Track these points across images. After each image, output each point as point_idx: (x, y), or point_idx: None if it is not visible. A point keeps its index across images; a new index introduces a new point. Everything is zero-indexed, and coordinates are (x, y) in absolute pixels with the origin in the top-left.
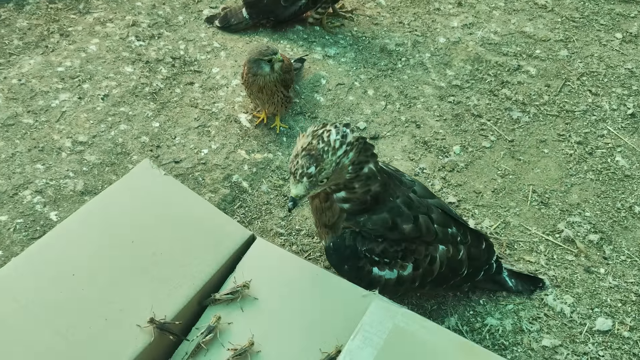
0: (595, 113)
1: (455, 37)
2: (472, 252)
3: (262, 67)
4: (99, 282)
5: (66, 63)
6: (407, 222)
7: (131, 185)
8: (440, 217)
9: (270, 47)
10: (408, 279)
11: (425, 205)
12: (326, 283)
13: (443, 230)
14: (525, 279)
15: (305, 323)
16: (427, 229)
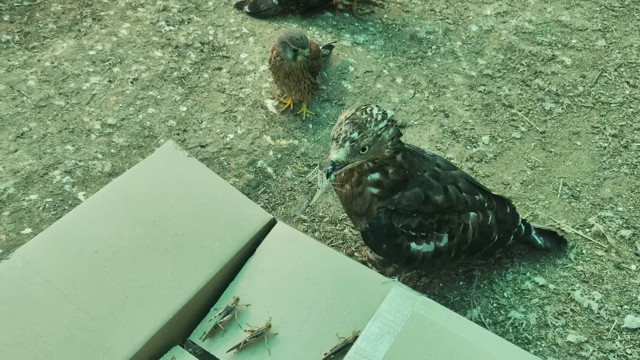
0: (633, 105)
1: (488, 26)
2: (499, 216)
3: (286, 52)
4: (120, 259)
5: (97, 47)
6: (438, 194)
7: (154, 165)
8: (467, 186)
9: (302, 39)
10: (444, 250)
11: (451, 176)
12: (345, 269)
13: (471, 197)
14: (551, 236)
15: (323, 308)
16: (457, 198)
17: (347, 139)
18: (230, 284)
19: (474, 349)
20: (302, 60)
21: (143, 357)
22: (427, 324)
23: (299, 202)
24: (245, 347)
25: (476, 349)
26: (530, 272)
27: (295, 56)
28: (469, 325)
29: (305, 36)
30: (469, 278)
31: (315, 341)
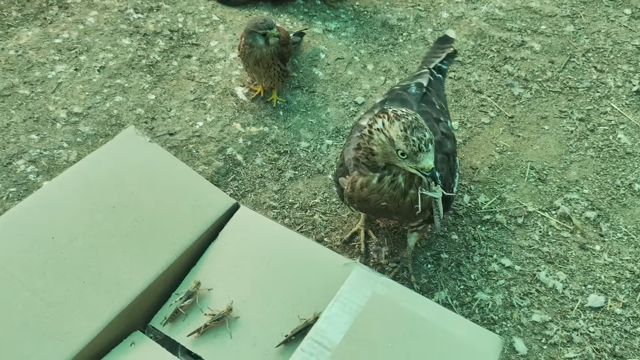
0: (600, 90)
1: (458, 12)
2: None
3: (256, 40)
4: (78, 246)
5: (64, 35)
6: (446, 144)
7: (115, 151)
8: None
9: (266, 21)
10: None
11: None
12: (308, 252)
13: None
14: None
15: (285, 290)
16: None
17: (429, 141)
18: (192, 268)
19: (433, 327)
20: (274, 42)
21: (101, 342)
22: (387, 304)
23: (268, 189)
24: (206, 330)
25: (435, 327)
26: (497, 254)
27: (266, 40)
28: (429, 304)
29: (269, 17)
30: (437, 261)
31: (277, 323)
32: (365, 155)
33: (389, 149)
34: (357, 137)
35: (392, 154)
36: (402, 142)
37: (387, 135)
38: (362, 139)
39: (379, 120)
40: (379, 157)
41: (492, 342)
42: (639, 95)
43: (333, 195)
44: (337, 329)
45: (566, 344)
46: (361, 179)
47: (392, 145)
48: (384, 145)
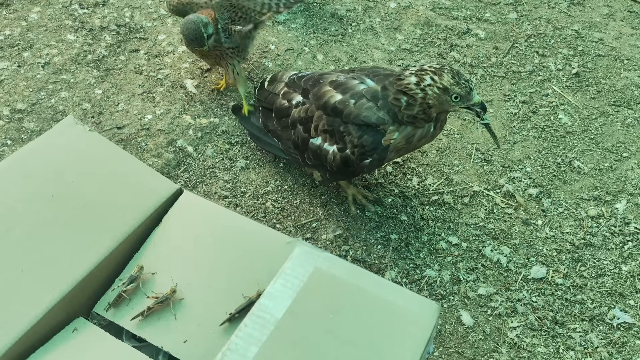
0: (541, 73)
1: (406, 2)
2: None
3: (189, 45)
4: (15, 235)
5: (5, 32)
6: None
7: (53, 141)
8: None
9: (197, 40)
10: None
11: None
12: (252, 232)
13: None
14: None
15: (230, 271)
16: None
17: (471, 81)
18: (136, 254)
19: (373, 297)
20: (207, 48)
21: (42, 329)
22: (328, 277)
23: (220, 179)
24: (150, 313)
25: (375, 298)
26: (444, 233)
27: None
28: (369, 276)
29: (201, 34)
30: (386, 242)
31: (221, 303)
32: (422, 111)
33: (443, 97)
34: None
35: (446, 100)
36: (457, 87)
37: (440, 87)
38: (413, 98)
39: (426, 77)
40: (435, 109)
41: (430, 308)
42: (578, 77)
43: (285, 182)
44: (279, 304)
45: (510, 314)
46: (420, 131)
47: (446, 93)
48: (439, 96)
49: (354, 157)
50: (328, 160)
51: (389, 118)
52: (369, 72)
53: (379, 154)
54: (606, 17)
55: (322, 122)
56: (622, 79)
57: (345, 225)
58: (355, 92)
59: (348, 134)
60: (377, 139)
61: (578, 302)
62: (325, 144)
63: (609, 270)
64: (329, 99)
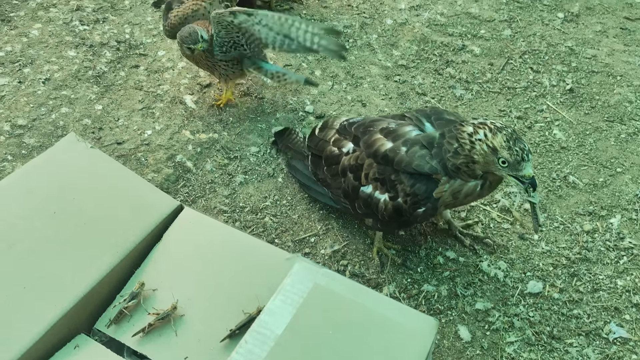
0: (536, 89)
1: (402, 19)
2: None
3: (184, 49)
4: (17, 252)
5: (6, 48)
6: None
7: (55, 158)
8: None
9: (191, 35)
10: None
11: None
12: (251, 248)
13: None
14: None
15: (230, 287)
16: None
17: (527, 152)
18: (137, 270)
19: (371, 313)
20: (199, 54)
21: (44, 346)
22: (327, 293)
23: (219, 194)
24: (151, 330)
25: (373, 313)
26: (442, 248)
27: (193, 51)
28: (367, 292)
29: (195, 31)
30: (385, 256)
31: (221, 319)
32: (466, 164)
33: (490, 157)
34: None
35: (493, 162)
36: (506, 152)
37: (489, 145)
38: (461, 147)
39: (480, 131)
40: (479, 166)
41: (428, 324)
42: (572, 93)
43: (283, 197)
44: (279, 320)
45: (507, 329)
46: (466, 188)
47: (494, 154)
48: (486, 154)
49: (406, 206)
50: (379, 209)
51: (440, 168)
52: (431, 113)
53: (433, 202)
54: (599, 34)
55: (373, 170)
56: (616, 95)
57: (344, 240)
58: (408, 139)
59: (400, 183)
60: (431, 188)
61: (574, 316)
62: (376, 192)
63: (604, 285)
64: (379, 147)
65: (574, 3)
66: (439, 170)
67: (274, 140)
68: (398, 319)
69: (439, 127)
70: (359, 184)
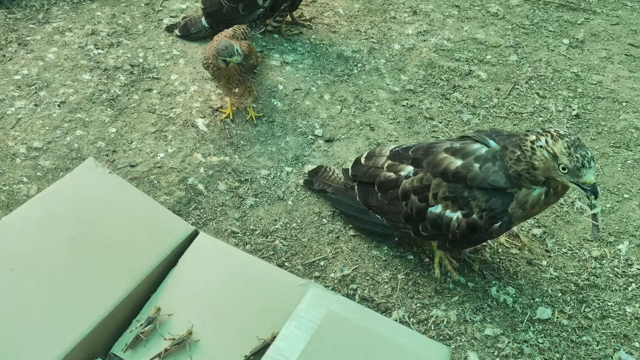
0: (542, 114)
1: (409, 44)
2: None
3: (219, 63)
4: (37, 276)
5: (23, 71)
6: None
7: (74, 183)
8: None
9: (227, 49)
10: None
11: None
12: (265, 274)
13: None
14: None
15: (244, 312)
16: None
17: (590, 159)
18: (153, 295)
19: (385, 340)
20: (233, 67)
21: None
22: (341, 320)
23: (230, 217)
24: (166, 355)
25: (387, 341)
26: (450, 272)
27: (227, 64)
28: (381, 319)
29: (231, 44)
30: (394, 281)
31: (236, 344)
32: (527, 170)
33: (550, 164)
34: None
35: (554, 168)
36: (566, 158)
37: (550, 151)
38: (523, 154)
39: (542, 138)
40: (540, 172)
41: (441, 352)
42: (578, 118)
43: (293, 220)
44: (294, 346)
45: (517, 356)
46: (531, 199)
47: (554, 160)
48: (546, 160)
49: (482, 222)
50: (451, 228)
51: (506, 181)
52: (491, 132)
53: (509, 216)
54: (604, 60)
55: (442, 190)
56: (622, 121)
57: (353, 264)
58: (479, 156)
59: (474, 199)
60: (506, 201)
61: (583, 343)
62: (447, 212)
63: (613, 312)
64: (448, 165)
65: (579, 29)
66: (509, 184)
67: (306, 179)
68: (411, 346)
69: (500, 141)
70: (426, 204)
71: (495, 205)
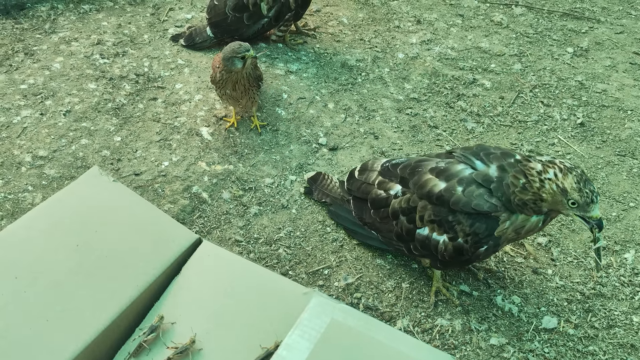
0: (547, 123)
1: (413, 53)
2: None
3: (234, 64)
4: (41, 284)
5: (29, 81)
6: None
7: (78, 191)
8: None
9: (242, 45)
10: None
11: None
12: (268, 282)
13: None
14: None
15: (248, 321)
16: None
17: (597, 194)
18: (156, 303)
19: (388, 349)
20: (250, 64)
21: None
22: (345, 329)
23: (233, 225)
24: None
25: (391, 350)
26: (455, 281)
27: (244, 61)
28: (385, 328)
29: (243, 43)
30: (398, 290)
31: (239, 353)
32: (534, 201)
33: (559, 198)
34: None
35: (562, 202)
36: (577, 194)
37: (560, 185)
38: (530, 184)
39: (550, 171)
40: (546, 204)
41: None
42: (583, 127)
43: (297, 229)
44: (297, 355)
45: None
46: (529, 225)
47: (564, 195)
48: (555, 194)
49: (467, 246)
50: (439, 250)
51: (501, 205)
52: (478, 150)
53: (494, 240)
54: (609, 69)
55: (428, 212)
56: (627, 129)
57: (357, 273)
58: (463, 178)
59: (458, 223)
60: (491, 226)
61: (590, 353)
62: (433, 234)
63: (619, 321)
64: (432, 187)
65: (583, 38)
66: (499, 208)
67: (306, 187)
68: (414, 355)
69: (493, 160)
70: (414, 226)
71: (479, 230)
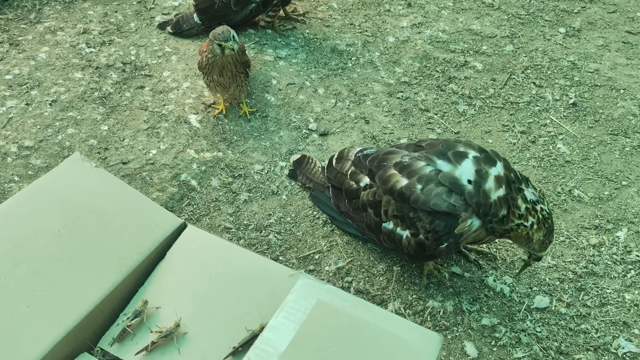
0: (539, 104)
1: (404, 36)
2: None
3: (214, 48)
4: (22, 271)
5: (14, 71)
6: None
7: (60, 177)
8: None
9: (224, 33)
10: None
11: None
12: (254, 265)
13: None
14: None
15: (233, 304)
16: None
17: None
18: (140, 288)
19: (375, 329)
20: (229, 53)
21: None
22: (331, 310)
23: (223, 212)
24: (154, 348)
25: (378, 329)
26: (446, 263)
27: (223, 50)
28: (372, 308)
29: (228, 30)
30: (389, 273)
31: (224, 336)
32: (501, 233)
33: (522, 240)
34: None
35: (524, 244)
36: (538, 245)
37: (529, 234)
38: (507, 222)
39: (530, 219)
40: (508, 237)
41: (432, 340)
42: (575, 107)
43: (287, 215)
44: (282, 337)
45: (515, 345)
46: (489, 238)
47: (529, 241)
48: (521, 237)
49: (429, 242)
50: (403, 245)
51: (462, 204)
52: (444, 148)
53: (455, 238)
54: (601, 48)
55: (392, 207)
56: (619, 108)
57: (348, 257)
58: (422, 176)
59: (419, 220)
60: (450, 224)
61: (582, 331)
62: (397, 229)
63: (612, 299)
64: (394, 184)
65: (575, 18)
66: (459, 207)
67: (291, 170)
68: (402, 335)
69: (464, 161)
70: (380, 220)
71: (438, 227)
